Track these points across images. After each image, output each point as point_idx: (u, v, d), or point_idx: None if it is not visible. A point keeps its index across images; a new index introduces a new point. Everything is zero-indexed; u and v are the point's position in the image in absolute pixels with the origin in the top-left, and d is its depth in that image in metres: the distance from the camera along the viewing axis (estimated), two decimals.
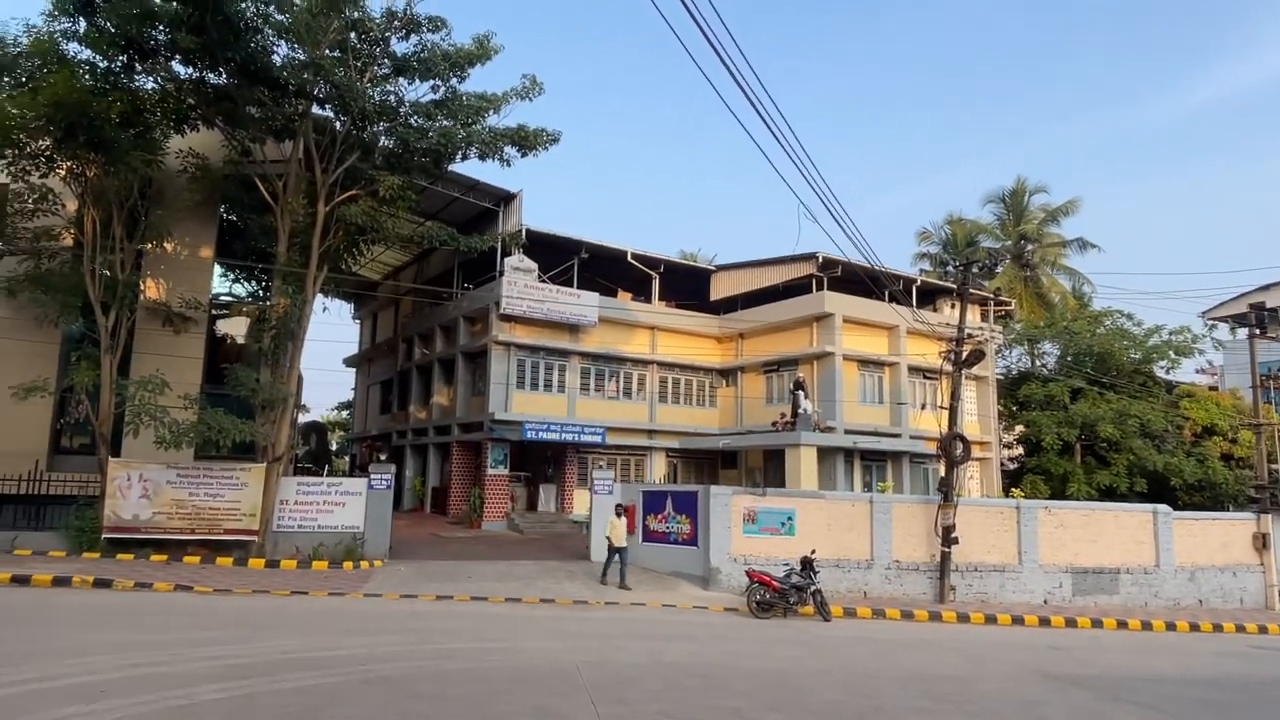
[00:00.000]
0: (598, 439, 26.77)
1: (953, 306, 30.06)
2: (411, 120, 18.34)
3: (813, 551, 15.11)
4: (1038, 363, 36.64)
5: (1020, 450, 34.24)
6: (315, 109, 17.79)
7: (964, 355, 18.11)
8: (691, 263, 36.11)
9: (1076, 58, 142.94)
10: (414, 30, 17.99)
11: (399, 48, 18.14)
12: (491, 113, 18.95)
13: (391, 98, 18.10)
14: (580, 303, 27.32)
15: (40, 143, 16.24)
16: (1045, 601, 17.61)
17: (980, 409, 31.91)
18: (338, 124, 17.90)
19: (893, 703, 8.69)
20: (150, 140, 17.10)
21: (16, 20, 15.73)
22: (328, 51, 16.71)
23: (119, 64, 16.41)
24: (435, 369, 31.04)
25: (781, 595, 14.37)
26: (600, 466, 26.03)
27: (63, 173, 17.09)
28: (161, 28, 15.48)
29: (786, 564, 15.33)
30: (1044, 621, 15.89)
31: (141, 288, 18.56)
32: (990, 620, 15.84)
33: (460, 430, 28.05)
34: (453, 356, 29.37)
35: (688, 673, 9.46)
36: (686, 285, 32.67)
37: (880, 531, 17.31)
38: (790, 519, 16.93)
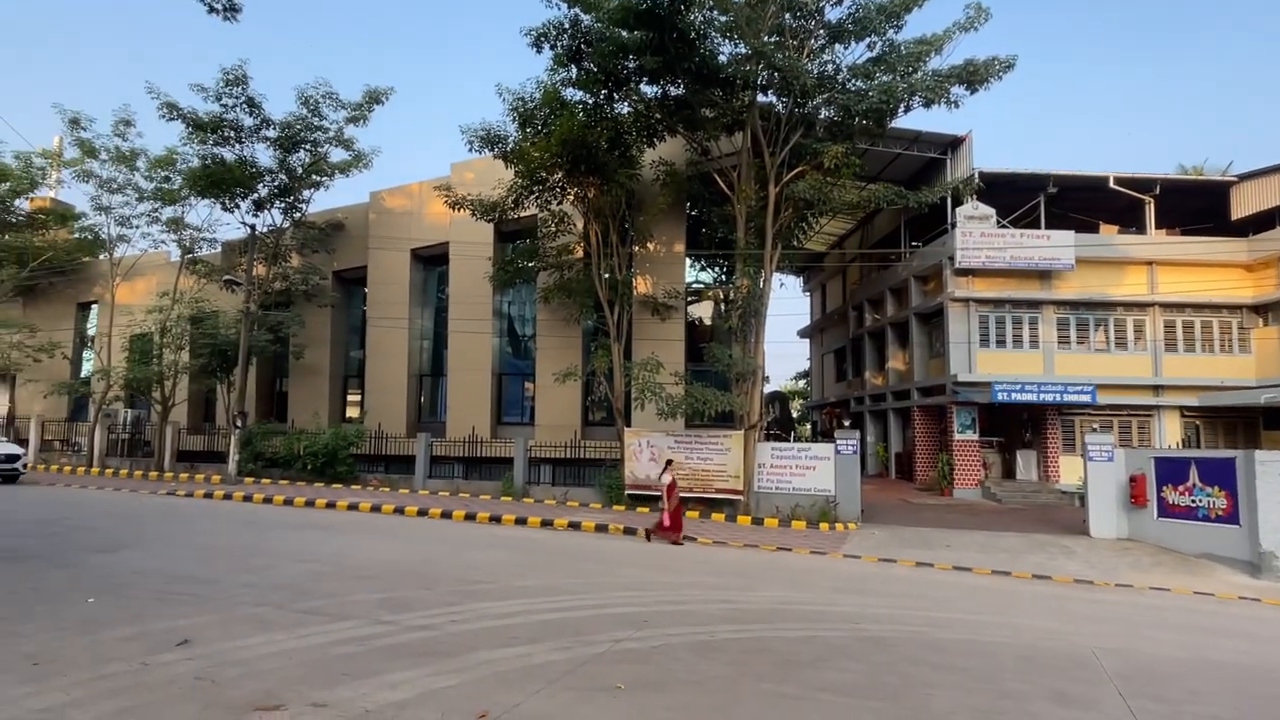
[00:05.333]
0: (1085, 398, 23.45)
1: None
2: (850, 85, 18.24)
3: None
4: None
5: None
6: (759, 97, 18.78)
7: None
8: (1197, 177, 29.29)
9: None
10: None
11: (832, 15, 18.18)
12: (933, 55, 17.89)
13: (829, 67, 18.23)
14: (1051, 244, 24.16)
15: (555, 176, 20.11)
16: None
17: None
18: (780, 106, 18.66)
19: None
20: (630, 158, 19.94)
21: (529, 80, 19.68)
22: (766, 38, 17.49)
23: (601, 97, 19.32)
24: (888, 333, 30.53)
25: None
26: (1093, 429, 22.87)
27: (571, 198, 20.94)
28: (631, 57, 17.89)
29: None
30: None
31: (634, 285, 21.79)
32: None
33: (920, 394, 27.17)
34: (905, 319, 28.57)
35: (1249, 676, 7.73)
36: (1192, 206, 26.69)
37: None
38: None
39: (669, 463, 16.25)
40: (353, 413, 28.51)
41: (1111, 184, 24.62)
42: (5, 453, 21.61)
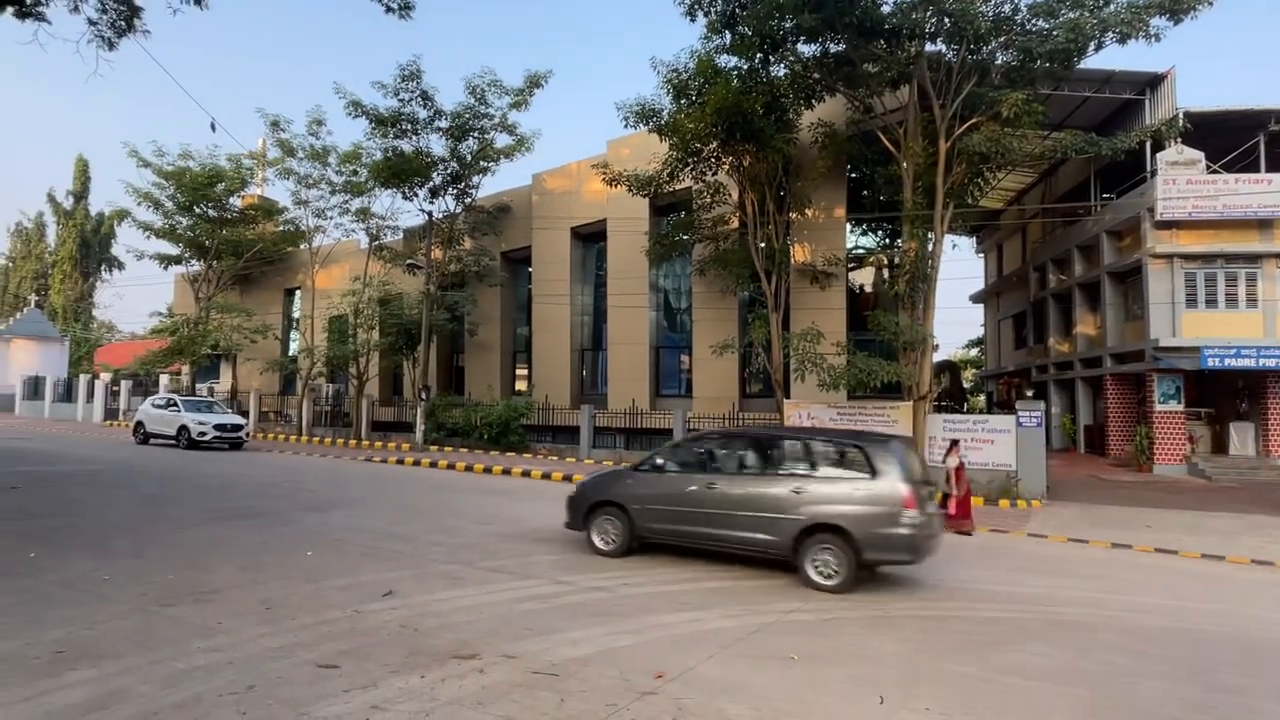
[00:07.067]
0: None
1: None
2: (1031, 25, 16.69)
3: None
4: None
5: None
6: (927, 46, 17.61)
7: None
8: None
9: None
10: None
11: None
12: None
13: (1006, 7, 16.71)
14: (1273, 189, 21.12)
15: (710, 146, 19.94)
16: None
17: None
18: (950, 55, 17.40)
19: None
20: (787, 121, 19.40)
21: (683, 50, 19.53)
22: None
23: (756, 61, 18.80)
24: (1075, 295, 28.00)
25: None
26: None
27: (725, 167, 20.69)
28: (787, 17, 17.30)
29: None
30: None
31: (792, 253, 21.29)
32: None
33: (1113, 361, 24.79)
34: (1096, 279, 26.06)
35: None
36: None
37: None
38: None
39: (954, 443, 14.28)
40: (521, 385, 30.04)
41: None
42: (231, 423, 24.64)
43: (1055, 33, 16.12)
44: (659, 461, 10.01)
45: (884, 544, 8.32)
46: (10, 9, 12.06)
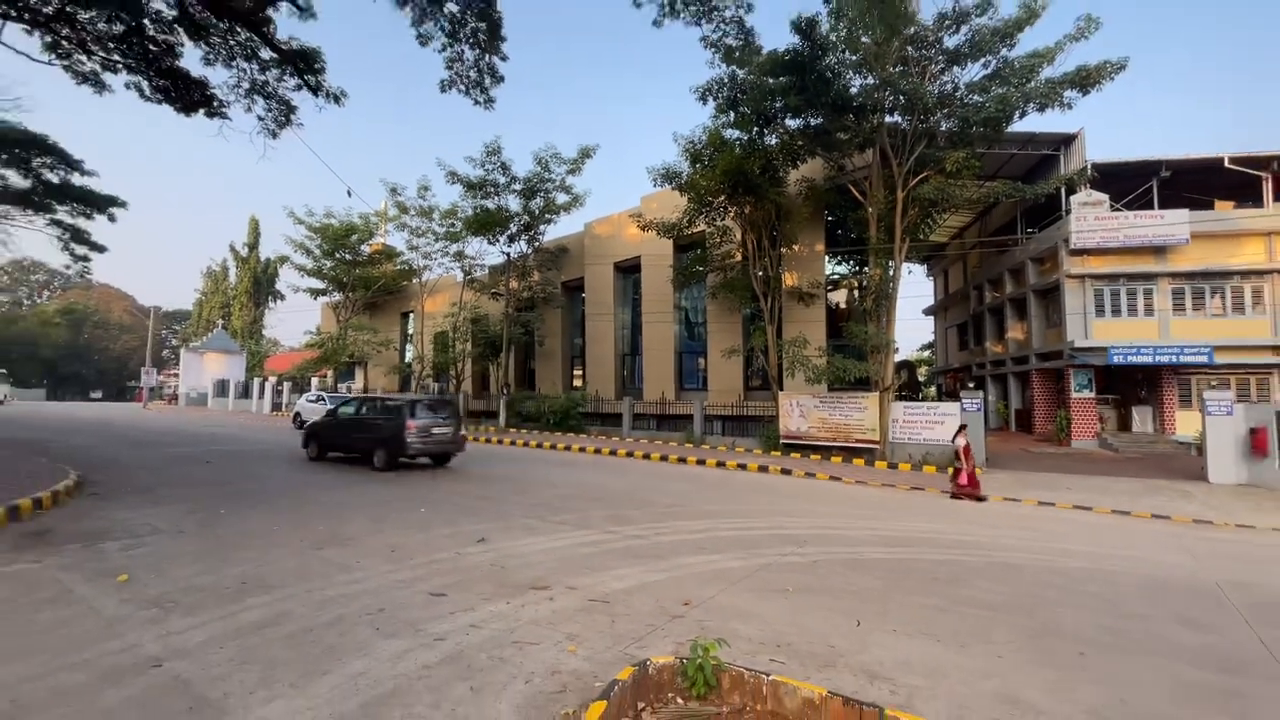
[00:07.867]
0: (1202, 359, 19.69)
1: None
2: (968, 99, 16.33)
3: None
4: None
5: None
6: (887, 118, 17.37)
7: None
8: None
9: None
10: (963, 21, 15.95)
11: (950, 42, 16.30)
12: (1045, 65, 15.59)
13: (948, 86, 16.40)
14: (1164, 222, 20.37)
15: (719, 199, 19.87)
16: None
17: None
18: (904, 124, 17.14)
19: None
20: (778, 178, 19.24)
21: (696, 126, 19.49)
22: (892, 69, 16.11)
23: (754, 133, 18.76)
24: (1007, 308, 27.27)
25: None
26: (1210, 386, 19.26)
27: (731, 215, 20.58)
28: (777, 99, 17.20)
29: None
30: None
31: (783, 279, 21.11)
32: None
33: (1038, 359, 24.08)
34: (1023, 295, 25.36)
35: None
36: None
37: None
38: None
39: (963, 427, 13.37)
40: (577, 382, 30.14)
41: (1226, 164, 20.23)
42: None
43: (988, 105, 15.76)
44: (333, 410, 15.07)
45: (403, 448, 13.01)
46: (202, 110, 12.55)
